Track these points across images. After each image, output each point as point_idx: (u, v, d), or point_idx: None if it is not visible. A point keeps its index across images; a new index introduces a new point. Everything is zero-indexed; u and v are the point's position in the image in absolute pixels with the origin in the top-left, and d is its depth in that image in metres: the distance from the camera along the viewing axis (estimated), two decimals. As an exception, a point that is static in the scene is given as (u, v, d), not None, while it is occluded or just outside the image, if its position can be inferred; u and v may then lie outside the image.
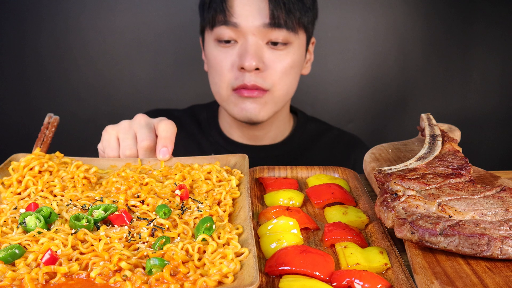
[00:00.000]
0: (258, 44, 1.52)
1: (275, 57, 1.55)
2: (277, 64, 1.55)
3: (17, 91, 2.46)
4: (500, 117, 2.63)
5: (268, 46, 1.54)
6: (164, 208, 0.92)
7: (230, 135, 1.77)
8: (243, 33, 1.52)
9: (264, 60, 1.53)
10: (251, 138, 1.75)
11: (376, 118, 2.59)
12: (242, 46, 1.53)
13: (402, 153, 1.23)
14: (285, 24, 1.51)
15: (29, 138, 1.43)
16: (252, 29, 1.51)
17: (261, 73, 1.54)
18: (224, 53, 1.56)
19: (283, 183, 1.13)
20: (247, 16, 1.50)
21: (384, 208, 0.87)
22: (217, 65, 1.58)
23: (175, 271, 0.76)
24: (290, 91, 1.65)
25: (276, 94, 1.59)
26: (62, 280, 0.73)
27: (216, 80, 1.61)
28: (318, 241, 0.92)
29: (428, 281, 0.74)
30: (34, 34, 2.38)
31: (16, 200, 0.98)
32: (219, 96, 1.64)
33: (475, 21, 2.49)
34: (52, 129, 1.25)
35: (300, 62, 1.63)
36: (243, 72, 1.53)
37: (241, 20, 1.50)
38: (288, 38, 1.54)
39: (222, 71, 1.57)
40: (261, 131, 1.73)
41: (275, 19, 1.50)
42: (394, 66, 2.54)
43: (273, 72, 1.55)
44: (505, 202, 0.86)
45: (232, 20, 1.50)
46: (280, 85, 1.58)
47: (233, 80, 1.56)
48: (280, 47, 1.55)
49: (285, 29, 1.52)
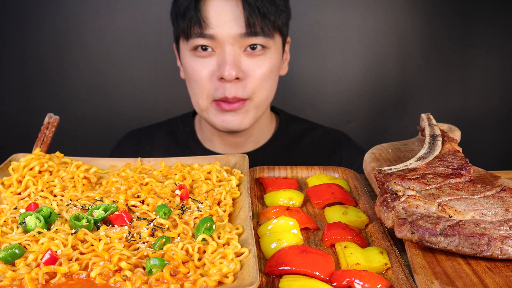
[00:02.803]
0: (236, 53, 1.50)
1: (253, 64, 1.52)
2: (256, 71, 1.53)
3: (17, 91, 2.46)
4: (500, 117, 2.62)
5: (246, 53, 1.52)
6: (164, 208, 0.92)
7: (210, 145, 1.74)
8: (220, 43, 1.49)
9: (243, 68, 1.51)
10: (232, 145, 1.72)
11: (376, 118, 2.59)
12: (220, 56, 1.50)
13: (402, 153, 1.23)
14: (262, 30, 1.50)
15: (29, 138, 1.43)
16: (229, 39, 1.48)
17: (240, 82, 1.51)
18: (201, 64, 1.53)
19: (283, 183, 1.13)
20: (223, 26, 1.47)
21: (384, 208, 0.87)
22: (196, 75, 1.54)
23: (175, 271, 0.76)
24: (270, 95, 1.62)
25: (257, 101, 1.57)
26: (62, 280, 0.73)
27: (196, 90, 1.57)
28: (318, 241, 0.92)
29: (428, 281, 0.74)
30: (35, 34, 2.38)
31: (16, 200, 0.99)
32: (199, 107, 1.61)
33: (475, 21, 2.49)
34: (52, 129, 1.25)
35: (278, 64, 1.61)
36: (223, 82, 1.50)
37: (217, 31, 1.47)
38: (265, 44, 1.52)
39: (201, 82, 1.54)
40: (242, 137, 1.70)
41: (251, 27, 1.48)
42: (394, 66, 2.54)
43: (253, 79, 1.53)
44: (505, 202, 0.86)
45: (209, 32, 1.48)
46: (260, 91, 1.56)
47: (213, 91, 1.53)
48: (258, 52, 1.52)
49: (261, 36, 1.50)
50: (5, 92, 2.45)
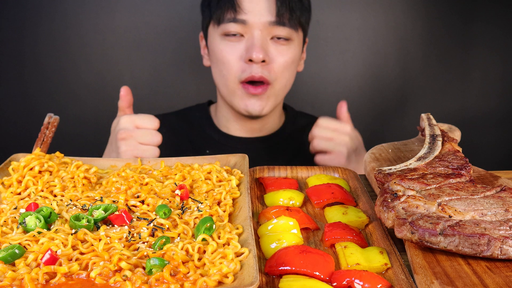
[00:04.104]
0: (264, 39, 1.61)
1: (278, 52, 1.64)
2: (279, 58, 1.64)
3: (17, 91, 2.46)
4: (500, 117, 2.62)
5: (272, 41, 1.63)
6: (164, 208, 0.92)
7: (226, 130, 1.84)
8: (250, 28, 1.61)
9: (269, 54, 1.62)
10: (248, 130, 1.83)
11: (376, 118, 2.59)
12: (249, 40, 1.61)
13: (402, 153, 1.23)
14: (289, 22, 1.62)
15: (29, 138, 1.43)
16: (259, 25, 1.60)
17: (266, 66, 1.62)
18: (230, 47, 1.63)
19: (283, 183, 1.13)
20: (256, 13, 1.59)
21: (384, 208, 0.87)
22: (224, 58, 1.65)
23: (175, 271, 0.76)
24: (288, 85, 1.74)
25: (277, 88, 1.68)
26: (62, 280, 0.73)
27: (224, 72, 1.67)
28: (318, 241, 0.92)
29: (428, 281, 0.74)
30: (34, 34, 2.38)
31: (16, 200, 0.98)
32: (226, 89, 1.70)
33: (475, 21, 2.49)
34: (52, 129, 1.25)
35: (298, 58, 1.73)
36: (250, 64, 1.61)
37: (249, 17, 1.59)
38: (290, 35, 1.64)
39: (230, 64, 1.64)
40: (259, 124, 1.82)
41: (280, 17, 1.60)
42: (394, 66, 2.54)
43: (277, 65, 1.64)
44: (505, 202, 0.86)
45: (242, 17, 1.60)
46: (280, 78, 1.67)
47: (240, 72, 1.63)
48: (282, 42, 1.64)
49: (288, 27, 1.62)
50: (5, 92, 2.45)
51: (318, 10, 2.43)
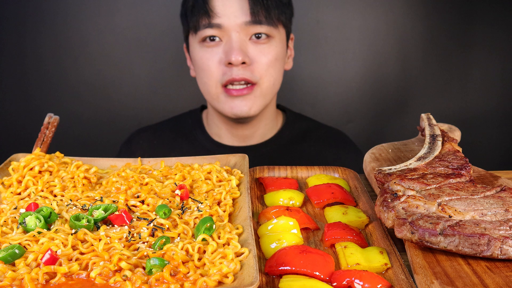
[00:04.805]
0: (242, 40, 1.58)
1: (259, 51, 1.61)
2: (261, 58, 1.61)
3: (17, 91, 2.46)
4: (500, 117, 2.62)
5: (252, 41, 1.61)
6: (164, 208, 0.92)
7: (218, 139, 1.80)
8: (226, 32, 1.58)
9: (249, 55, 1.59)
10: (240, 138, 1.78)
11: (376, 118, 2.59)
12: (227, 44, 1.59)
13: (402, 153, 1.23)
14: (266, 19, 1.59)
15: (29, 138, 1.43)
16: (235, 27, 1.57)
17: (248, 67, 1.59)
18: (209, 53, 1.61)
19: (283, 183, 1.13)
20: (229, 15, 1.57)
21: (384, 208, 0.87)
22: (204, 64, 1.63)
23: (175, 271, 0.76)
24: (277, 83, 1.70)
25: (264, 87, 1.65)
26: (62, 280, 0.73)
27: (205, 79, 1.65)
28: (318, 241, 0.92)
29: (428, 281, 0.74)
30: (34, 34, 2.38)
31: (16, 200, 0.99)
32: (209, 95, 1.68)
33: (475, 21, 2.49)
34: (52, 129, 1.25)
35: (282, 55, 1.69)
36: (230, 67, 1.58)
37: (224, 20, 1.57)
38: (269, 32, 1.61)
39: (210, 69, 1.62)
40: (250, 129, 1.77)
41: (256, 16, 1.57)
42: (394, 66, 2.54)
43: (259, 65, 1.61)
44: (505, 202, 0.86)
45: (216, 21, 1.57)
46: (266, 77, 1.63)
47: (221, 76, 1.61)
48: (263, 40, 1.61)
49: (265, 25, 1.59)
50: (5, 92, 2.45)
51: (318, 10, 2.43)
